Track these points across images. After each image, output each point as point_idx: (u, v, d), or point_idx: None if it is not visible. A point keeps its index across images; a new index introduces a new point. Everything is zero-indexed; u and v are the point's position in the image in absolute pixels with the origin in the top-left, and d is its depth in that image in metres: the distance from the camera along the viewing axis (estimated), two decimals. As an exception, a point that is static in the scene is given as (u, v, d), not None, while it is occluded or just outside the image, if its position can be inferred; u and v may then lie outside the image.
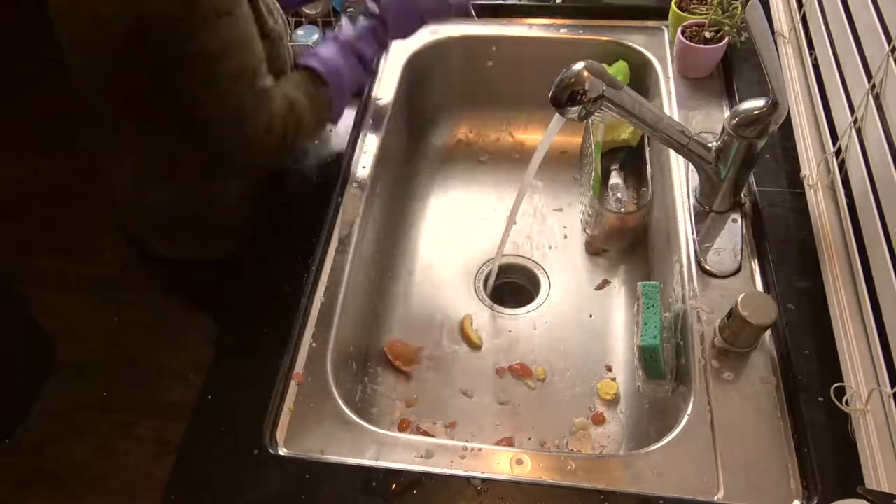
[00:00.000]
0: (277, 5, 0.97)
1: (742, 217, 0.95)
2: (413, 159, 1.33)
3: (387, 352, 1.05)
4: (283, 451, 0.79)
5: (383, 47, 1.04)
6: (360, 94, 1.13)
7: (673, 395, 0.88)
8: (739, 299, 0.79)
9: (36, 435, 1.91)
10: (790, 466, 0.75)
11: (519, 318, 1.13)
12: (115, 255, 1.12)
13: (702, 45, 1.09)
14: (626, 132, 1.19)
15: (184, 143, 0.91)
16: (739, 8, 1.07)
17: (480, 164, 1.34)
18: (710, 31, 1.10)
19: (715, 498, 0.73)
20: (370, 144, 1.11)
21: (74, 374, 2.01)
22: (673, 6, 1.15)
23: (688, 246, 0.94)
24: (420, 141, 1.35)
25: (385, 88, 1.20)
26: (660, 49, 1.20)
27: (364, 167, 1.08)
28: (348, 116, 1.12)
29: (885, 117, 0.79)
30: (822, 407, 0.76)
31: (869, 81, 0.82)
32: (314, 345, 0.88)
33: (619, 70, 1.19)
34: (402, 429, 1.00)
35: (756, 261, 0.92)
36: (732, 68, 1.12)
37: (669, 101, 1.12)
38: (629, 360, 1.05)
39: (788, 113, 1.01)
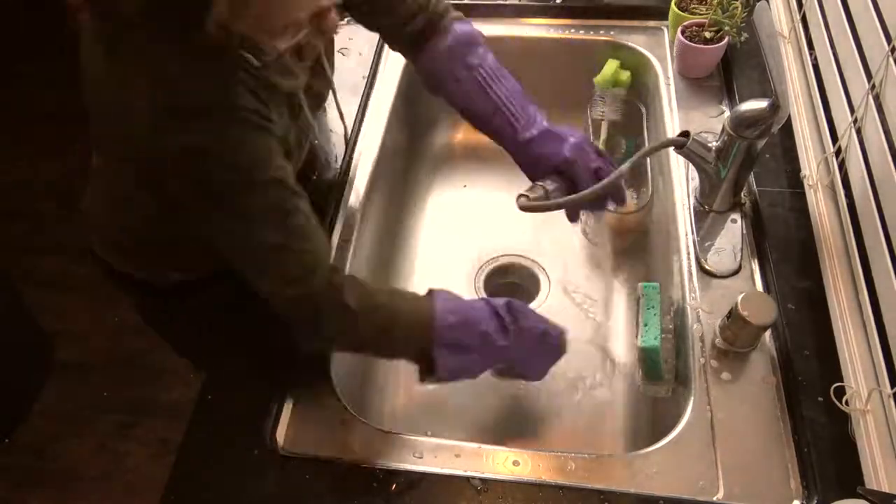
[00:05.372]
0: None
1: (742, 217, 0.95)
2: (413, 159, 1.33)
3: None
4: (283, 451, 0.79)
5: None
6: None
7: (673, 395, 0.88)
8: (739, 299, 0.79)
9: (36, 435, 1.91)
10: (790, 466, 0.75)
11: (519, 318, 1.13)
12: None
13: (702, 45, 1.09)
14: (622, 76, 1.19)
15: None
16: (739, 8, 1.07)
17: (480, 164, 1.34)
18: (710, 31, 1.10)
19: (715, 498, 0.73)
20: (370, 144, 1.11)
21: (74, 374, 2.01)
22: (673, 6, 1.15)
23: (688, 246, 0.94)
24: (420, 141, 1.35)
25: (385, 88, 1.20)
26: (660, 49, 1.20)
27: (364, 167, 1.08)
28: (348, 117, 1.12)
29: (885, 117, 0.79)
30: (822, 407, 0.76)
31: (869, 81, 0.82)
32: (314, 345, 0.88)
33: (610, 69, 1.18)
34: (402, 428, 1.00)
35: (756, 261, 0.92)
36: (732, 68, 1.12)
37: (669, 101, 1.12)
38: (629, 360, 1.05)
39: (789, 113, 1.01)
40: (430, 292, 0.83)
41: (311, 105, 0.86)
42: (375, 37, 1.25)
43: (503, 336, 0.81)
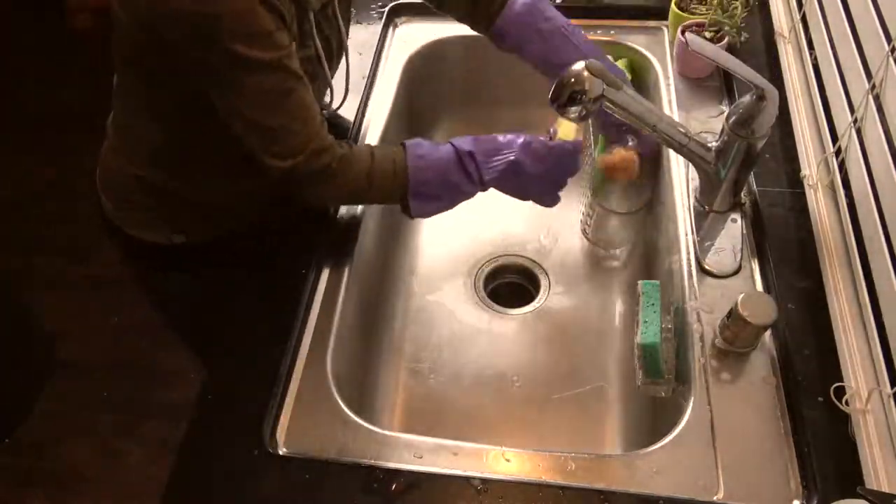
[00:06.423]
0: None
1: (742, 217, 0.95)
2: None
3: None
4: (283, 451, 0.79)
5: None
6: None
7: (673, 394, 0.88)
8: (739, 299, 0.79)
9: (36, 435, 1.91)
10: (790, 466, 0.75)
11: (518, 318, 1.13)
12: (114, 255, 1.12)
13: (702, 45, 1.09)
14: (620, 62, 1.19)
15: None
16: (739, 8, 1.07)
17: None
18: (710, 31, 1.10)
19: (715, 498, 0.73)
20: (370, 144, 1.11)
21: (74, 374, 2.01)
22: (673, 6, 1.15)
23: (688, 246, 0.94)
24: (420, 141, 1.35)
25: (385, 88, 1.20)
26: (660, 49, 1.20)
27: (364, 167, 1.08)
28: (348, 117, 1.13)
29: (885, 117, 0.79)
30: (822, 407, 0.76)
31: (869, 81, 0.82)
32: (314, 344, 0.88)
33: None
34: (402, 428, 1.00)
35: (756, 261, 0.92)
36: (732, 68, 1.12)
37: (669, 101, 1.12)
38: (629, 360, 1.05)
39: (789, 113, 1.01)
40: (404, 147, 0.90)
41: (324, 48, 0.92)
42: (375, 37, 1.25)
43: (469, 184, 0.91)
